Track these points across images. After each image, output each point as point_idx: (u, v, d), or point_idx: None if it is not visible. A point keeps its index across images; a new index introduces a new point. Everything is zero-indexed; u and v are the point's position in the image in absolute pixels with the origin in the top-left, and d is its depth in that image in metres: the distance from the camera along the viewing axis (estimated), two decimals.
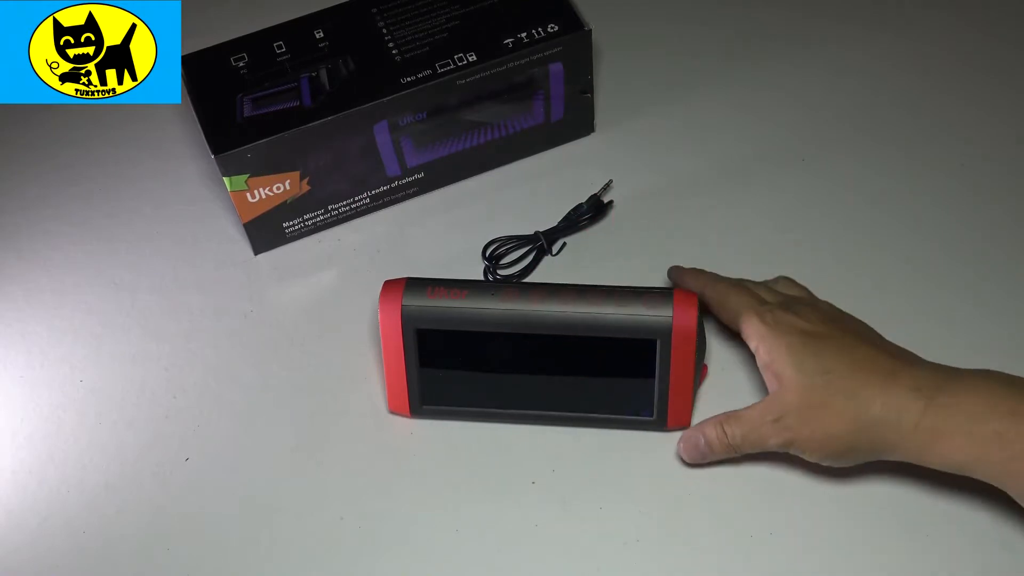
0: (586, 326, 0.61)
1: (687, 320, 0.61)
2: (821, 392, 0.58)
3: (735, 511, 0.62)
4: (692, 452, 0.62)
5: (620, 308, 0.61)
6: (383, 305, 0.63)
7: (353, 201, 0.75)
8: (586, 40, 0.72)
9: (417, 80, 0.70)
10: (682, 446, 0.63)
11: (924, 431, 0.55)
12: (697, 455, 0.62)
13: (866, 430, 0.57)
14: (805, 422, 0.58)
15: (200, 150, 0.78)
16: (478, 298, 0.62)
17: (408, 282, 0.63)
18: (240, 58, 0.72)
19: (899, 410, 0.56)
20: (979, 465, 0.55)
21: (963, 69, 0.80)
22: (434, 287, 0.63)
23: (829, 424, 0.57)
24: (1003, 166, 0.75)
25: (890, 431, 0.56)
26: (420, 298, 0.63)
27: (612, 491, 0.63)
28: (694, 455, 0.62)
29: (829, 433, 0.58)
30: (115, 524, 0.64)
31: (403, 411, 0.66)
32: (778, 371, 0.59)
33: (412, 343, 0.63)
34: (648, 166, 0.77)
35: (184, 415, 0.68)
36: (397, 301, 0.63)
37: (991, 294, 0.69)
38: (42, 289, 0.75)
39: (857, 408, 0.57)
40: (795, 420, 0.58)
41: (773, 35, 0.84)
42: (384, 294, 0.63)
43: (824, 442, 0.58)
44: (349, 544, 0.62)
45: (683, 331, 0.61)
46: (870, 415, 0.56)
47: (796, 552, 0.60)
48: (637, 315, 0.61)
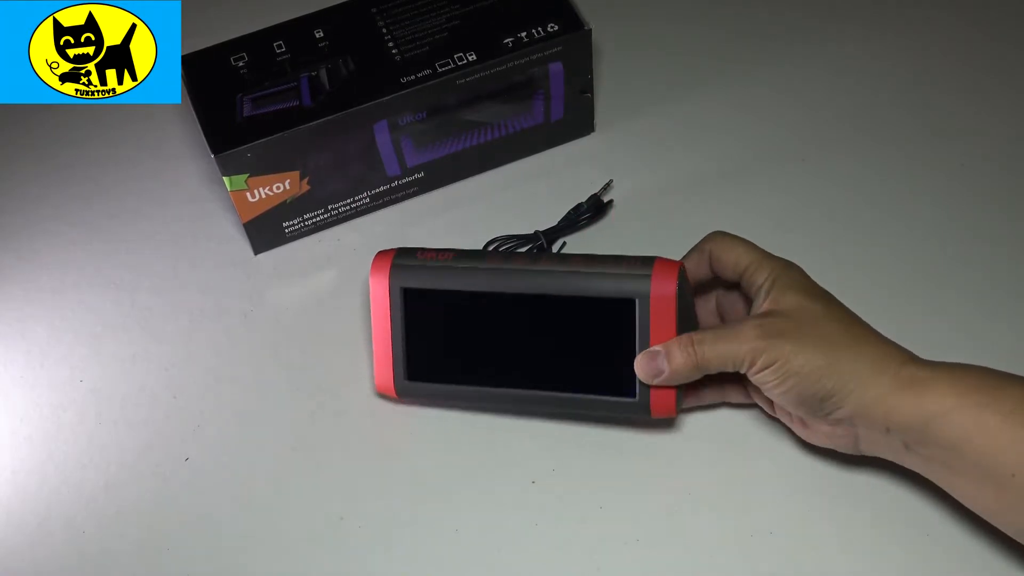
0: (567, 284, 0.61)
1: (667, 283, 0.59)
2: (821, 315, 0.58)
3: (735, 511, 0.62)
4: (647, 368, 0.60)
5: (600, 267, 0.61)
6: (374, 269, 0.64)
7: (353, 201, 0.75)
8: (586, 40, 0.72)
9: (417, 80, 0.70)
10: (638, 367, 0.60)
11: (906, 377, 0.55)
12: (653, 370, 0.60)
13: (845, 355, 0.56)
14: (792, 340, 0.57)
15: (200, 150, 0.78)
16: (465, 260, 0.63)
17: (399, 250, 0.65)
18: (240, 58, 0.72)
19: (892, 355, 0.56)
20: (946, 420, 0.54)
21: (963, 68, 0.80)
22: (424, 252, 0.64)
23: (816, 347, 0.57)
24: (1003, 166, 0.75)
25: (868, 366, 0.56)
26: (409, 259, 0.64)
27: (612, 491, 0.63)
28: (648, 371, 0.60)
29: (809, 360, 0.56)
30: (115, 524, 0.64)
31: (388, 390, 0.65)
32: (781, 289, 0.59)
33: (399, 307, 0.64)
34: (648, 166, 0.77)
35: (184, 415, 0.68)
36: (387, 264, 0.64)
37: (991, 294, 0.69)
38: (42, 289, 0.75)
39: (849, 337, 0.57)
40: (783, 338, 0.57)
41: (773, 35, 0.84)
42: (376, 260, 0.65)
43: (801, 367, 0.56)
44: (349, 544, 0.62)
45: (662, 294, 0.59)
46: (858, 344, 0.57)
47: (796, 552, 0.60)
48: (616, 273, 0.61)
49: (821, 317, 0.58)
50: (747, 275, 0.61)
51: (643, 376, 0.60)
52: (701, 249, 0.63)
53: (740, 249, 0.62)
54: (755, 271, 0.60)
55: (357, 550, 0.62)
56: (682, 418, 0.65)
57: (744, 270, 0.61)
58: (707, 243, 0.63)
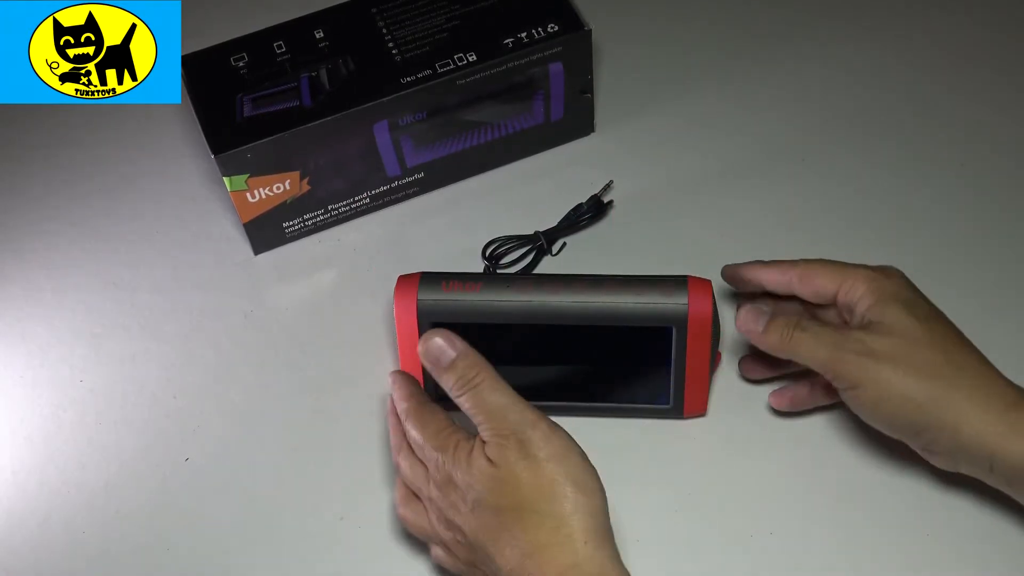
0: (601, 316, 0.61)
1: (703, 306, 0.61)
2: (924, 338, 0.55)
3: (735, 511, 0.62)
4: (746, 320, 0.59)
5: (635, 297, 0.61)
6: (398, 299, 0.63)
7: (353, 201, 0.75)
8: (586, 40, 0.72)
9: (417, 80, 0.70)
10: (743, 315, 0.60)
11: (1016, 423, 0.53)
12: (749, 325, 0.59)
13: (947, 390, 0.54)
14: (891, 364, 0.54)
15: (200, 150, 0.78)
16: (492, 290, 0.62)
17: (423, 276, 0.63)
18: (240, 58, 0.72)
19: (997, 394, 0.54)
20: None
21: (964, 68, 0.80)
22: (448, 280, 0.63)
23: (916, 376, 0.54)
24: (1003, 165, 0.75)
25: (971, 403, 0.53)
26: (435, 292, 0.62)
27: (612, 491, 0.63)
28: (745, 323, 0.59)
29: (908, 388, 0.54)
30: (115, 524, 0.64)
31: None
32: (883, 301, 0.56)
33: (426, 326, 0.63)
34: (648, 166, 0.77)
35: (184, 415, 0.68)
36: (412, 295, 0.63)
37: (992, 293, 0.69)
38: (42, 289, 0.75)
39: (952, 368, 0.54)
40: (880, 361, 0.55)
41: (773, 34, 0.84)
42: (399, 288, 0.63)
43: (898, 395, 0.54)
44: (349, 544, 0.62)
45: (699, 317, 0.61)
46: (960, 376, 0.54)
47: (796, 552, 0.60)
48: (652, 303, 0.61)
49: (924, 342, 0.55)
50: (842, 292, 0.59)
51: (740, 325, 0.60)
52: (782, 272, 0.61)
53: (828, 269, 0.59)
54: (852, 284, 0.58)
55: (357, 550, 0.62)
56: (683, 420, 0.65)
57: (839, 288, 0.59)
58: (788, 271, 0.61)
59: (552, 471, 0.51)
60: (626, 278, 0.62)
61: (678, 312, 0.61)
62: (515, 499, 0.51)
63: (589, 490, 0.52)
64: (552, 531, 0.50)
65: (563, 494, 0.51)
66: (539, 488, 0.51)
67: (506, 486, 0.51)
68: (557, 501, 0.51)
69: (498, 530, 0.51)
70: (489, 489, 0.52)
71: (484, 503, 0.52)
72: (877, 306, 0.57)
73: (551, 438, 0.52)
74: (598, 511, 0.52)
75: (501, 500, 0.51)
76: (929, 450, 0.57)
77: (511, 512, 0.51)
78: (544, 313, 0.62)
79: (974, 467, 0.56)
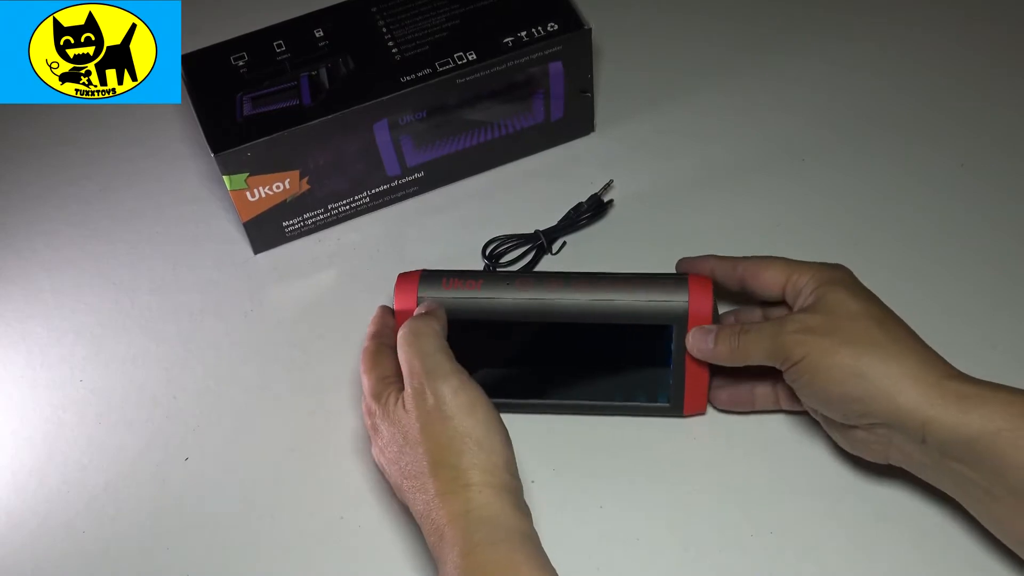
0: (602, 314, 0.61)
1: (703, 304, 0.61)
2: (861, 313, 0.57)
3: (735, 510, 0.62)
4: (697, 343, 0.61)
5: (636, 295, 0.61)
6: (398, 296, 0.63)
7: (353, 200, 0.75)
8: (586, 39, 0.72)
9: (417, 79, 0.70)
10: (691, 339, 0.61)
11: (950, 391, 0.54)
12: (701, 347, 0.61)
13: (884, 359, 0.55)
14: (827, 336, 0.56)
15: (200, 149, 0.78)
16: (493, 288, 0.62)
17: (423, 274, 0.63)
18: (240, 57, 0.72)
19: (931, 364, 0.55)
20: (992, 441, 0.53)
21: (964, 68, 0.80)
22: (449, 278, 0.63)
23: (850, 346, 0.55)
24: (1003, 165, 0.75)
25: (906, 372, 0.55)
26: (435, 289, 0.63)
27: (612, 490, 0.63)
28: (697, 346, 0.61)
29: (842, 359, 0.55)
30: (115, 524, 0.64)
31: None
32: (824, 287, 0.58)
33: None
34: (648, 166, 0.77)
35: (184, 415, 0.68)
36: (412, 293, 0.63)
37: (993, 294, 0.69)
38: (42, 289, 0.75)
39: (888, 339, 0.56)
40: (817, 334, 0.56)
41: (773, 35, 0.84)
42: (399, 286, 0.63)
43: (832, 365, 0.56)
44: (349, 544, 0.62)
45: (699, 315, 0.61)
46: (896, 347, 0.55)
47: (796, 552, 0.60)
48: (653, 301, 0.61)
49: (860, 315, 0.57)
50: (790, 285, 0.60)
51: (692, 349, 0.61)
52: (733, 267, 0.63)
53: (778, 264, 0.61)
54: (798, 277, 0.60)
55: (357, 550, 0.62)
56: (683, 419, 0.65)
57: (787, 280, 0.60)
58: (738, 265, 0.62)
59: (457, 426, 0.56)
60: (626, 276, 0.62)
61: (678, 310, 0.61)
62: (424, 449, 0.56)
63: (488, 447, 0.56)
64: (451, 480, 0.55)
65: (464, 448, 0.55)
66: (445, 441, 0.56)
67: (417, 436, 0.56)
68: (458, 454, 0.55)
69: (412, 477, 0.56)
70: (404, 438, 0.57)
71: (402, 452, 0.57)
72: (819, 290, 0.59)
73: (459, 393, 0.56)
74: (497, 467, 0.55)
75: (413, 450, 0.56)
76: (866, 427, 0.57)
77: (421, 461, 0.56)
78: (545, 311, 0.62)
79: (906, 440, 0.56)
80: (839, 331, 0.56)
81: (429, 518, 0.55)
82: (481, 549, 0.52)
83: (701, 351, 0.61)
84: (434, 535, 0.55)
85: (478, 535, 0.53)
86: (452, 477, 0.55)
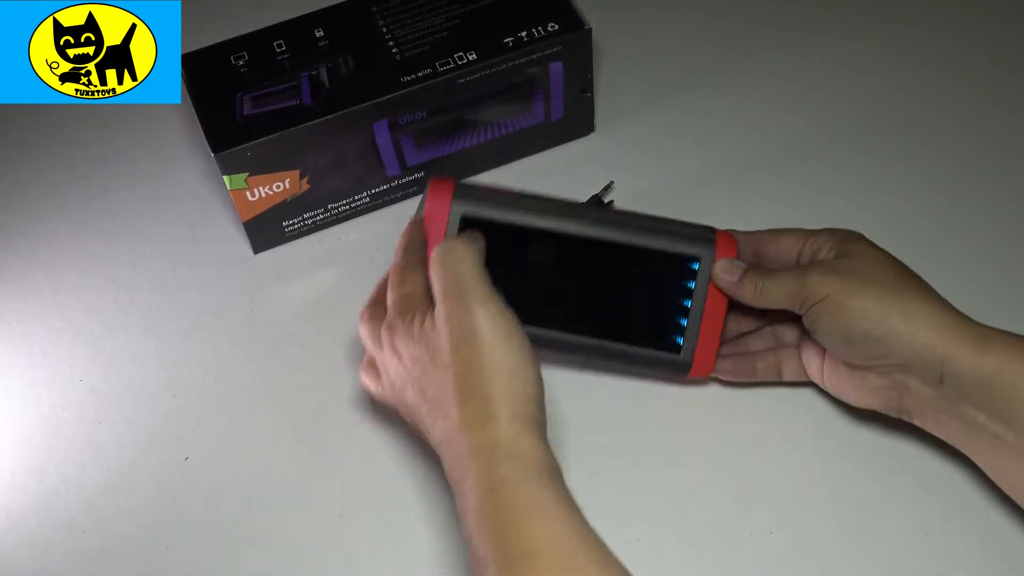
0: (634, 234, 0.62)
1: (729, 246, 0.62)
2: (884, 261, 0.58)
3: (735, 511, 0.62)
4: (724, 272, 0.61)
5: (669, 225, 0.63)
6: (432, 194, 0.61)
7: (353, 200, 0.75)
8: (586, 39, 0.72)
9: (417, 79, 0.70)
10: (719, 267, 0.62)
11: (968, 332, 0.55)
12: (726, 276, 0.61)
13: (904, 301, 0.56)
14: (849, 278, 0.57)
15: (200, 149, 0.78)
16: (529, 198, 0.62)
17: (459, 182, 0.62)
18: (240, 57, 0.72)
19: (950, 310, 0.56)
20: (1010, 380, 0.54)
21: (965, 67, 0.80)
22: (484, 187, 0.63)
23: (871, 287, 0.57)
24: (1003, 165, 0.75)
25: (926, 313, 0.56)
26: (471, 191, 0.62)
27: (612, 490, 0.63)
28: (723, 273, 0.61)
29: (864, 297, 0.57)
30: (115, 524, 0.64)
31: None
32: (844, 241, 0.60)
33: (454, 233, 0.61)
34: (648, 166, 0.77)
35: (184, 415, 0.68)
36: (448, 190, 0.61)
37: (993, 294, 0.69)
38: (42, 289, 0.75)
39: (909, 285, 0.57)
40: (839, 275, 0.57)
41: (773, 35, 0.84)
42: (433, 185, 0.62)
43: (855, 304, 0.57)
44: (349, 543, 0.62)
45: (725, 254, 0.62)
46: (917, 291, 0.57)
47: (796, 551, 0.60)
48: (686, 230, 0.63)
49: (882, 261, 0.58)
50: (807, 246, 0.61)
51: (717, 279, 0.62)
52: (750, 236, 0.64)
53: (794, 231, 0.62)
54: (815, 239, 0.61)
55: (357, 550, 0.62)
56: (682, 416, 0.65)
57: (803, 244, 0.62)
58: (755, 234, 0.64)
59: (492, 352, 0.53)
60: (659, 217, 0.63)
61: (707, 244, 0.62)
62: (454, 373, 0.53)
63: (523, 378, 0.53)
64: (479, 408, 0.52)
65: (497, 377, 0.52)
66: (477, 366, 0.53)
67: (447, 359, 0.53)
68: (490, 382, 0.52)
69: (434, 402, 0.54)
70: (432, 359, 0.54)
71: (425, 374, 0.54)
72: (839, 245, 0.60)
73: (496, 319, 0.53)
74: (528, 399, 0.53)
75: (441, 372, 0.53)
76: (882, 372, 0.58)
77: (447, 386, 0.53)
78: (579, 223, 0.62)
79: (922, 383, 0.56)
80: (862, 272, 0.58)
81: (450, 447, 0.52)
82: (507, 486, 0.50)
83: (725, 282, 0.61)
84: (455, 465, 0.52)
85: (503, 470, 0.50)
86: (480, 405, 0.52)
